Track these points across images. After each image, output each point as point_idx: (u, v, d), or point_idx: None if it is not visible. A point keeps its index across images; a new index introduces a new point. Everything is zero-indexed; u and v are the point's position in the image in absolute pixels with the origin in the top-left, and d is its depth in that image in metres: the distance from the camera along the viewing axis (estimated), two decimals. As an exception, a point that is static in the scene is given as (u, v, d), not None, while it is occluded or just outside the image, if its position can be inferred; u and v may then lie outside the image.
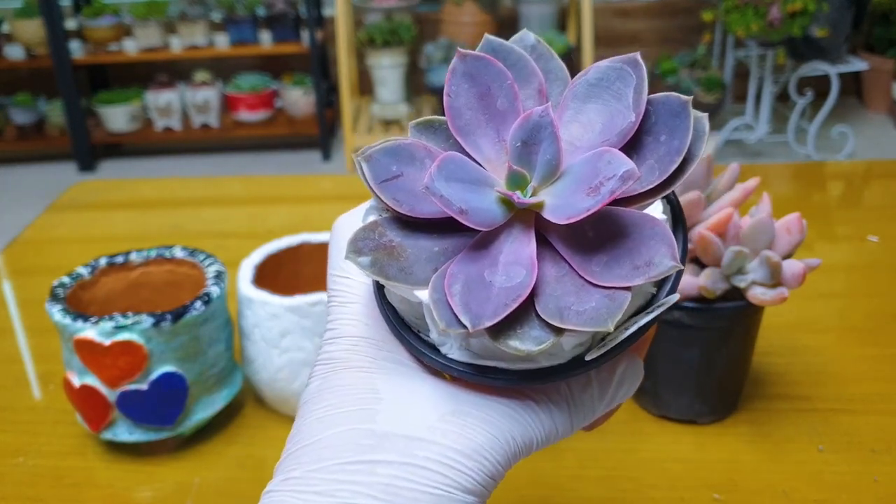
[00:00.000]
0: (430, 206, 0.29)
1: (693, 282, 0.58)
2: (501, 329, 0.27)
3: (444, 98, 0.30)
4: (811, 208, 1.00)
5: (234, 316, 0.72)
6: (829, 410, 0.64)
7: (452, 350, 0.29)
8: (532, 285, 0.27)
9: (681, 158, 0.28)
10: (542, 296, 0.27)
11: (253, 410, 0.67)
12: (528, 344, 0.26)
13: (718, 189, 0.61)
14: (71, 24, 3.21)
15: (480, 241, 0.28)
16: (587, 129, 0.29)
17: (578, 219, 0.27)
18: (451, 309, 0.27)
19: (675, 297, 0.28)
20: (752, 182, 0.61)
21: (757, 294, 0.57)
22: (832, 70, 2.82)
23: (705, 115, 0.29)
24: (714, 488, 0.57)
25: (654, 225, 0.27)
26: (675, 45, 3.37)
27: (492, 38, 0.31)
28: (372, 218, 0.30)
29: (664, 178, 0.28)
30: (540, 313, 0.27)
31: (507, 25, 3.24)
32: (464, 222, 0.27)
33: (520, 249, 0.28)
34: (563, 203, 0.28)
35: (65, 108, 3.11)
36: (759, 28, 2.58)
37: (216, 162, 3.25)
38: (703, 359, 0.60)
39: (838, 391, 0.66)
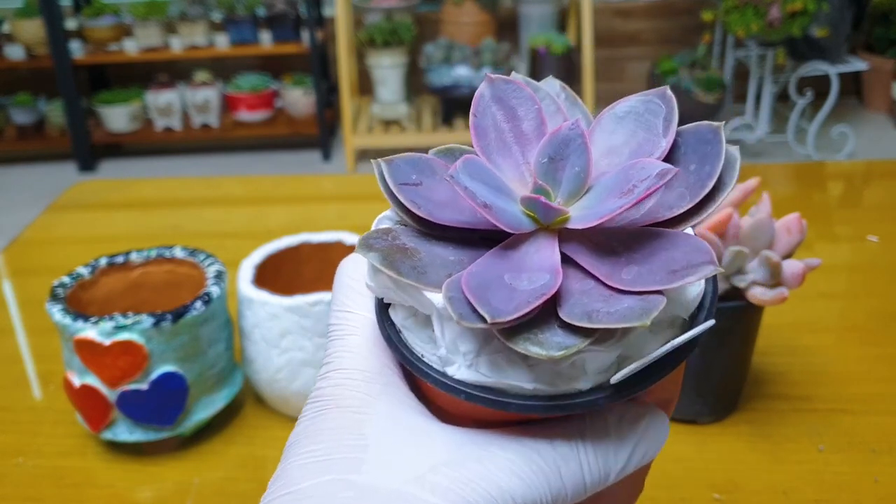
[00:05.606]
0: (449, 214, 0.28)
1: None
2: (520, 333, 0.25)
3: (471, 118, 0.30)
4: (811, 208, 1.00)
5: (234, 316, 0.72)
6: (829, 410, 0.64)
7: (460, 370, 0.27)
8: (557, 287, 0.25)
9: (712, 183, 0.27)
10: (566, 305, 0.26)
11: (253, 410, 0.67)
12: (550, 349, 0.24)
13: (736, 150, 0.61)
14: (71, 24, 3.21)
15: (501, 249, 0.27)
16: (615, 156, 0.29)
17: (611, 216, 0.26)
18: (469, 304, 0.25)
19: (711, 322, 0.26)
20: (752, 182, 0.61)
21: (757, 294, 0.57)
22: (832, 70, 2.82)
23: (736, 146, 0.28)
24: (714, 488, 0.57)
25: (689, 237, 0.27)
26: (675, 45, 3.37)
27: (518, 76, 0.31)
28: (386, 225, 0.29)
29: (695, 202, 0.27)
30: (565, 318, 0.25)
31: (507, 25, 3.24)
32: (487, 217, 0.26)
33: (543, 260, 0.27)
34: (591, 213, 0.27)
35: (65, 108, 3.11)
36: (759, 28, 2.58)
37: (216, 162, 3.25)
38: (703, 359, 0.60)
39: (838, 391, 0.66)
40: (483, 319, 0.24)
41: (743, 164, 0.81)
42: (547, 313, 0.25)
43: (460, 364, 0.27)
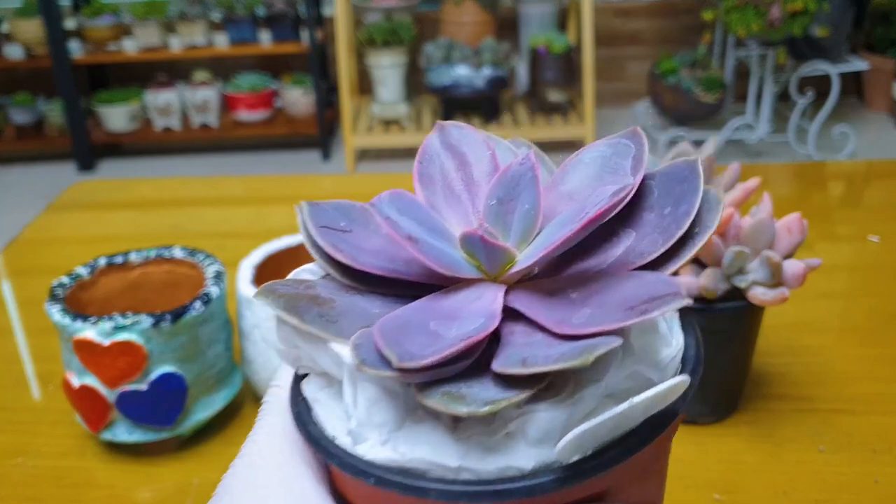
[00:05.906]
0: (378, 262, 0.24)
1: (693, 282, 0.57)
2: (439, 386, 0.21)
3: (415, 166, 0.27)
4: (812, 208, 0.99)
5: (233, 316, 0.72)
6: (829, 411, 0.64)
7: (373, 448, 0.22)
8: (490, 330, 0.21)
9: (688, 222, 0.23)
10: (502, 356, 0.21)
11: (252, 411, 0.67)
12: (474, 405, 0.20)
13: (719, 189, 0.61)
14: (70, 23, 3.21)
15: (435, 296, 0.24)
16: (576, 201, 0.26)
17: (558, 243, 0.22)
18: (376, 349, 0.21)
19: (685, 378, 0.22)
20: (753, 182, 0.60)
21: (757, 294, 0.57)
22: (833, 70, 2.82)
23: (716, 188, 0.25)
24: (714, 488, 0.57)
25: (655, 274, 0.23)
26: (675, 45, 3.37)
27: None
28: (304, 277, 0.26)
29: (668, 246, 0.23)
30: (497, 369, 0.21)
31: (507, 25, 3.24)
32: (413, 252, 0.22)
33: (482, 308, 0.23)
34: (538, 249, 0.23)
35: (64, 108, 3.11)
36: (760, 28, 2.58)
37: (216, 162, 3.25)
38: (704, 359, 0.60)
39: (839, 391, 0.66)
40: (388, 364, 0.20)
41: (743, 164, 0.81)
42: (480, 369, 0.21)
43: (374, 441, 0.22)
